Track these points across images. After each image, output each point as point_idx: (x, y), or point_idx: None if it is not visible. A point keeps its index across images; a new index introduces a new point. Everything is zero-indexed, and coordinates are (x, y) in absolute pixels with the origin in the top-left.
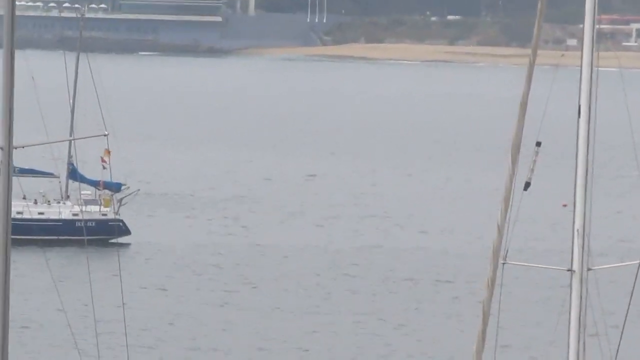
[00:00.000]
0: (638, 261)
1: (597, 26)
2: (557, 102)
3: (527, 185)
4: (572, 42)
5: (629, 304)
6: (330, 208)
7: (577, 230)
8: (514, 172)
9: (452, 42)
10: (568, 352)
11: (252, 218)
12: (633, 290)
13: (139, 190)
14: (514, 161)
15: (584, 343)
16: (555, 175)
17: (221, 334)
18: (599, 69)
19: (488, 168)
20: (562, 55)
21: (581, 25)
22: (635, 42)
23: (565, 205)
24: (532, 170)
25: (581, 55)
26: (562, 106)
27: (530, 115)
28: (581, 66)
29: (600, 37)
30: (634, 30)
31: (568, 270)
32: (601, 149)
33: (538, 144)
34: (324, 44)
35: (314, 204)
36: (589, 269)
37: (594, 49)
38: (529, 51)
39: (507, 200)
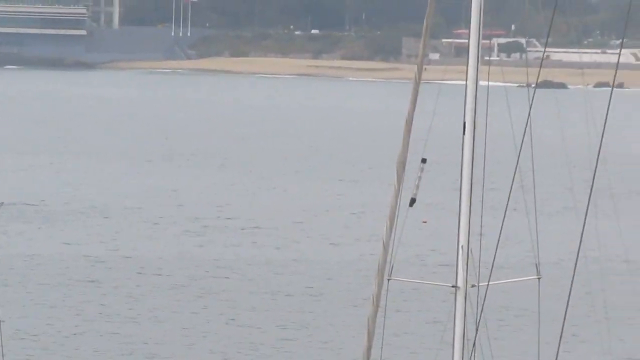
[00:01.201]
0: (523, 278)
1: (461, 41)
2: (436, 117)
3: (413, 201)
4: (434, 56)
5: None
6: (198, 220)
7: (462, 246)
8: (399, 189)
9: (316, 56)
10: (452, 359)
11: (106, 229)
12: (539, 305)
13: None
14: (400, 178)
15: (469, 358)
16: (439, 190)
17: (75, 343)
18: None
19: (362, 181)
20: (425, 69)
21: (443, 40)
22: (498, 56)
23: (425, 222)
24: (418, 186)
25: (466, 71)
26: (443, 121)
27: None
28: (466, 82)
29: (460, 52)
30: (495, 45)
31: (452, 287)
32: (492, 165)
33: (423, 160)
34: (189, 57)
35: (178, 215)
36: (473, 286)
37: (479, 64)
38: (393, 65)
39: (392, 216)
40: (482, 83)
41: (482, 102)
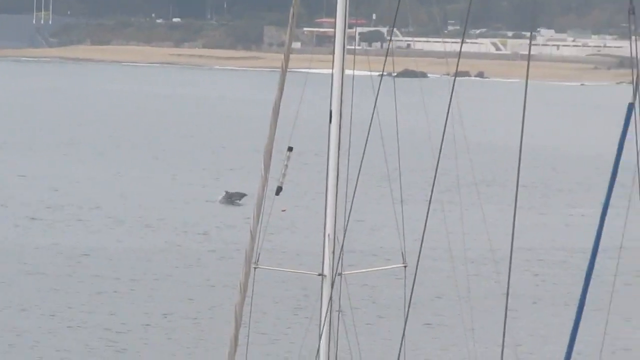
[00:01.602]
0: (389, 266)
1: (323, 29)
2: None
3: (279, 189)
4: (296, 45)
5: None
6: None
7: (328, 235)
8: (266, 177)
9: (178, 45)
10: (318, 354)
11: None
12: (406, 291)
13: None
14: (267, 166)
15: (334, 346)
16: (306, 179)
17: None
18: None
19: (228, 170)
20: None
21: (305, 29)
22: (359, 45)
23: (284, 211)
24: (284, 174)
25: (332, 60)
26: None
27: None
28: (332, 71)
29: (322, 41)
30: (356, 34)
31: (319, 275)
32: (358, 154)
33: (290, 148)
34: (50, 45)
35: (32, 202)
36: (339, 274)
37: (344, 53)
38: (254, 53)
39: (259, 204)
40: (348, 72)
41: (349, 91)
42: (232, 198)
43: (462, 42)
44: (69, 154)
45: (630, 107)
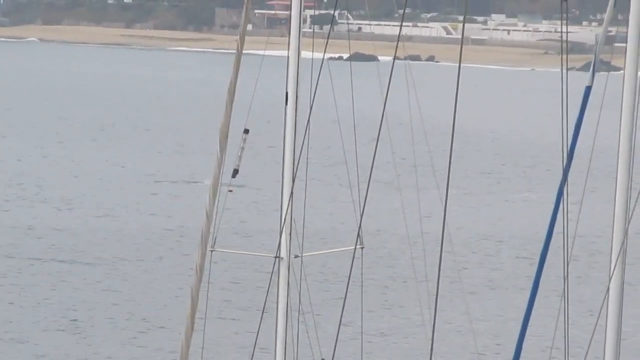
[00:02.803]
0: (346, 248)
1: (274, 12)
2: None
3: (235, 172)
4: (247, 27)
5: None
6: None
7: (285, 217)
8: (222, 159)
9: (129, 25)
10: (276, 337)
11: None
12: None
13: None
14: (222, 148)
15: (291, 327)
16: (261, 163)
17: None
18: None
19: (184, 152)
20: (236, 40)
21: (256, 11)
22: (310, 28)
23: (230, 191)
24: (240, 157)
25: (288, 43)
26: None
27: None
28: (288, 53)
29: (273, 23)
30: (308, 16)
31: (276, 257)
32: (314, 137)
33: (246, 131)
34: (1, 24)
35: None
36: (296, 256)
37: (300, 37)
38: (206, 35)
39: (215, 187)
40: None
41: (302, 73)
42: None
43: (400, 26)
44: (21, 134)
45: (588, 91)
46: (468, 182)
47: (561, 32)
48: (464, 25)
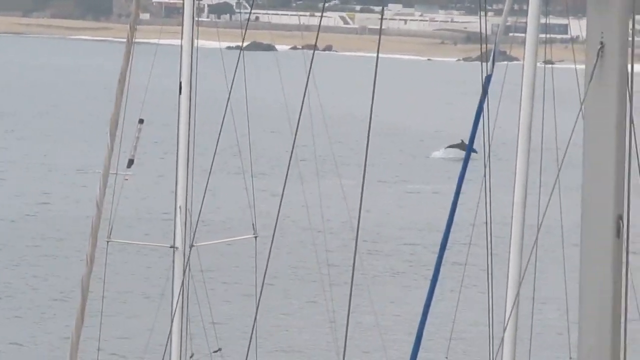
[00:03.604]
0: (240, 237)
1: (171, 1)
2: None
3: (131, 162)
4: (145, 16)
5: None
6: None
7: (180, 207)
8: (112, 149)
9: (26, 14)
10: (171, 327)
11: None
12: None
13: None
14: (113, 137)
15: (186, 319)
16: (157, 153)
17: None
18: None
19: (79, 140)
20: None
21: (153, 0)
22: (208, 17)
23: (126, 180)
24: (135, 147)
25: (181, 32)
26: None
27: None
28: (181, 43)
29: (171, 12)
30: (206, 5)
31: (171, 247)
32: (210, 126)
33: (141, 121)
34: None
35: None
36: (192, 246)
37: (193, 26)
38: (104, 24)
39: (105, 176)
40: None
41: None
42: None
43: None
44: None
45: (488, 79)
46: (371, 172)
47: (480, 24)
48: (382, 18)
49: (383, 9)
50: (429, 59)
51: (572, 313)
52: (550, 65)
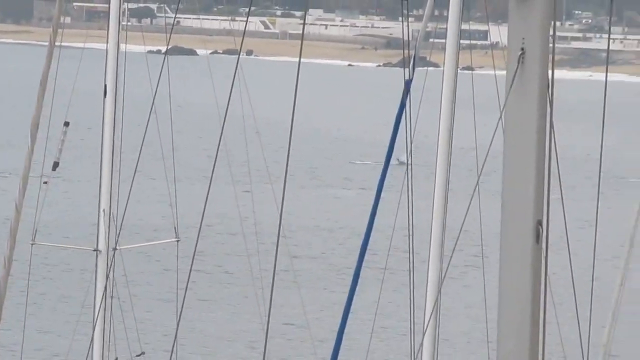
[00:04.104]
0: (162, 241)
1: (92, 5)
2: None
3: (56, 165)
4: (66, 20)
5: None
6: None
7: (103, 210)
8: (33, 151)
9: None
10: (93, 330)
11: None
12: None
13: None
14: (33, 139)
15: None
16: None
17: None
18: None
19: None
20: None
21: (75, 4)
22: (129, 21)
23: (45, 183)
24: (61, 150)
25: (107, 36)
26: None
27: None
28: (107, 47)
29: (92, 16)
30: (127, 9)
31: (94, 250)
32: (133, 128)
33: (66, 123)
34: None
35: None
36: (115, 249)
37: (119, 30)
38: (24, 27)
39: (25, 179)
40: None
41: (122, 66)
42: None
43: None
44: None
45: (408, 84)
46: (293, 177)
47: (402, 30)
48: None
49: (305, 14)
50: (349, 64)
51: (492, 317)
52: (470, 72)
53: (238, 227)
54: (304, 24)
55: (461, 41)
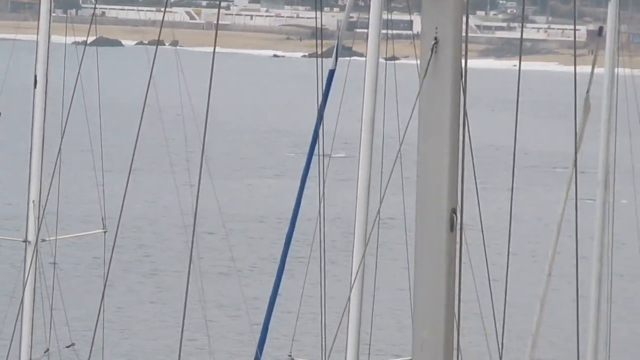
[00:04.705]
0: (90, 232)
1: None
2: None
3: None
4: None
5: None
6: None
7: (33, 201)
8: None
9: None
10: (22, 322)
11: None
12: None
13: None
14: None
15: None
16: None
17: None
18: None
19: None
20: None
21: None
22: (54, 12)
23: None
24: None
25: (37, 27)
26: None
27: None
28: (37, 38)
29: (17, 7)
30: (51, 0)
31: (23, 242)
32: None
33: None
34: None
35: None
36: (43, 240)
37: (50, 21)
38: None
39: None
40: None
41: (51, 58)
42: None
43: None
44: None
45: (331, 74)
46: (218, 166)
47: (316, 20)
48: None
49: (220, 3)
50: (275, 55)
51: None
52: (393, 62)
53: (170, 218)
54: (218, 13)
55: (387, 31)
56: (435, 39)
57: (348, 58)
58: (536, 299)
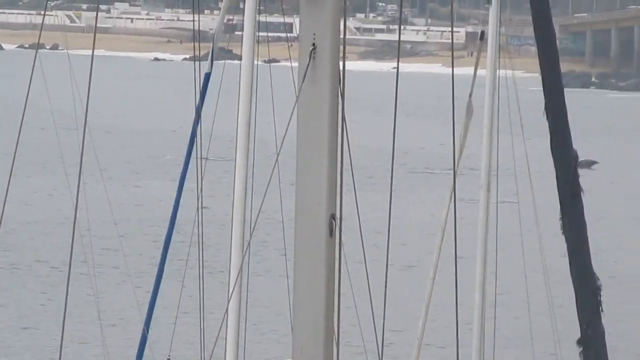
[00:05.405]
0: None
1: None
2: None
3: None
4: None
5: None
6: None
7: None
8: None
9: None
10: None
11: None
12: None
13: None
14: None
15: None
16: None
17: None
18: None
19: None
20: None
21: None
22: None
23: None
24: None
25: None
26: None
27: None
28: None
29: None
30: None
31: None
32: None
33: None
34: None
35: None
36: None
37: None
38: None
39: None
40: None
41: None
42: None
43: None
44: None
45: (207, 77)
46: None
47: (193, 23)
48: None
49: (98, 7)
50: (155, 58)
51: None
52: (268, 64)
53: (56, 220)
54: (96, 15)
55: (266, 34)
56: (313, 44)
57: (223, 61)
58: (421, 303)
